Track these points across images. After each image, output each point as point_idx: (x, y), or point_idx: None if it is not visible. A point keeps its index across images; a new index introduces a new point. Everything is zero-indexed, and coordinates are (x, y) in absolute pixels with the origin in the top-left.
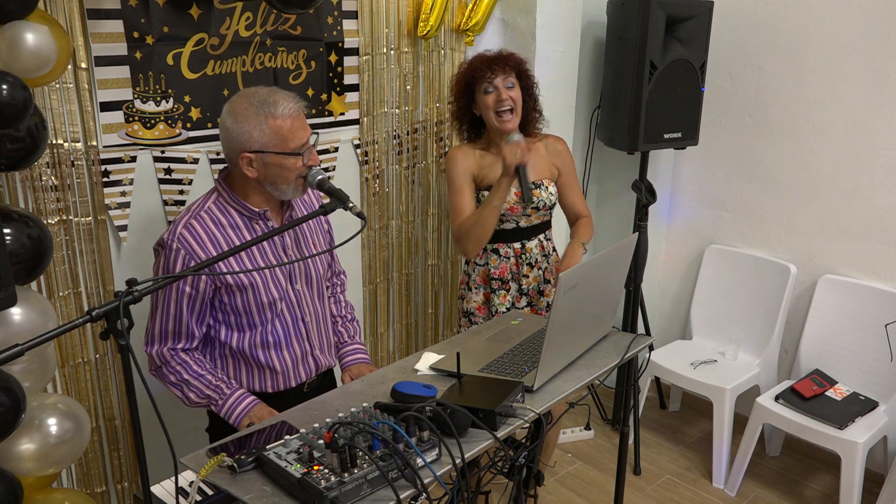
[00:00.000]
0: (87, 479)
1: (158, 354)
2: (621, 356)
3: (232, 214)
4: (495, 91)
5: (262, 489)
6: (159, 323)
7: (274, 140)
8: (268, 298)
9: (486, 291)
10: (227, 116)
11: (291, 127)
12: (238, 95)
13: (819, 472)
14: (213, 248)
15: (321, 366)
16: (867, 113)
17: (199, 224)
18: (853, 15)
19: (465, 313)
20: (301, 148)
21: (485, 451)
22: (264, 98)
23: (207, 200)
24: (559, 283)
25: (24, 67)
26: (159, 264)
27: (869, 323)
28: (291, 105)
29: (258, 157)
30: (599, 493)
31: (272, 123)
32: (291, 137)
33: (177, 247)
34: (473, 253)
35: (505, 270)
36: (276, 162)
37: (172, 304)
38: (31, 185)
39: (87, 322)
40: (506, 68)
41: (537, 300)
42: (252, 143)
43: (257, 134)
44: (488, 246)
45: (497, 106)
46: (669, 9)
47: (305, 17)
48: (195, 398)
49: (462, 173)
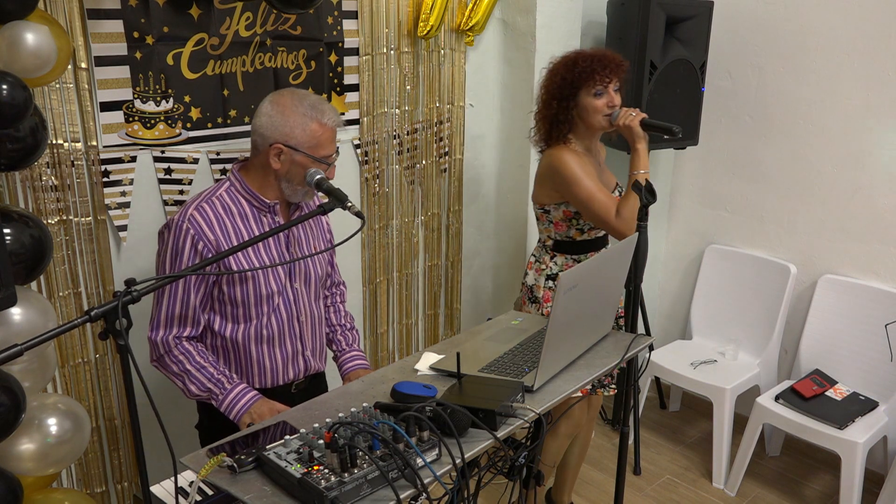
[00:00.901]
0: (87, 479)
1: (163, 341)
2: (621, 356)
3: (242, 204)
4: (607, 95)
5: (262, 489)
6: (166, 307)
7: (310, 142)
8: (266, 291)
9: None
10: (272, 107)
11: (329, 137)
12: (288, 91)
13: (819, 472)
14: (220, 233)
15: (310, 368)
16: (867, 113)
17: (210, 208)
18: (853, 15)
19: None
20: (327, 159)
21: (485, 451)
22: (315, 103)
23: (219, 188)
24: (559, 283)
25: (24, 67)
26: (167, 244)
27: (869, 323)
28: (337, 119)
29: (289, 152)
30: (599, 493)
31: (315, 127)
32: (324, 146)
33: (186, 227)
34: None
35: None
36: (303, 162)
37: (180, 287)
38: (31, 185)
39: (86, 322)
40: (619, 72)
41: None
42: (290, 137)
43: (299, 131)
44: (582, 257)
45: (608, 110)
46: (669, 9)
47: (305, 17)
48: (196, 390)
49: (588, 170)
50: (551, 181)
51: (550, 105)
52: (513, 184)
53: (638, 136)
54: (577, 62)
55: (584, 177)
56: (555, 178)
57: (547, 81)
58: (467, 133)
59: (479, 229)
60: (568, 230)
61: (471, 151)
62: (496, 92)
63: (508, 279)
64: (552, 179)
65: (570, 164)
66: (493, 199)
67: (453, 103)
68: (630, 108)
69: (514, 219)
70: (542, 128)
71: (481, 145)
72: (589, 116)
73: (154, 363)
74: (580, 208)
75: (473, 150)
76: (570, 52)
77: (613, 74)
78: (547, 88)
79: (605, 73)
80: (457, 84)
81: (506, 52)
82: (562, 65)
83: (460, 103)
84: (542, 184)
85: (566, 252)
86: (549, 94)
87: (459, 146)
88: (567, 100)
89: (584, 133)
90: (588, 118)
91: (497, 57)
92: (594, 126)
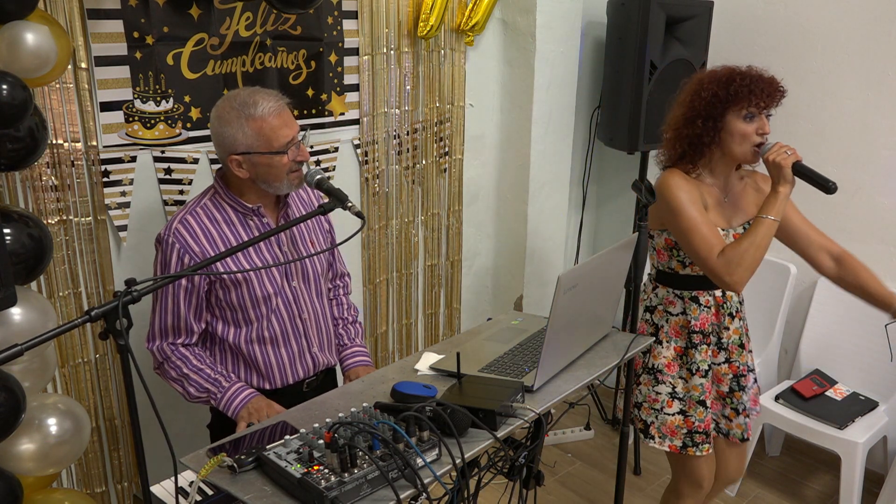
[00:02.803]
0: (87, 479)
1: (159, 350)
2: (621, 356)
3: (227, 210)
4: (759, 120)
5: (262, 489)
6: (159, 318)
7: (258, 141)
8: (262, 293)
9: (680, 345)
10: (214, 120)
11: (273, 126)
12: (222, 99)
13: (819, 472)
14: (206, 243)
15: (320, 363)
16: (867, 113)
17: (194, 219)
18: (853, 15)
19: (648, 370)
20: (287, 145)
21: (485, 451)
22: (244, 99)
23: (204, 197)
24: (559, 282)
25: (24, 67)
26: (157, 258)
27: (869, 323)
28: (271, 104)
29: (246, 159)
30: (599, 493)
31: (253, 125)
32: (275, 136)
33: (172, 241)
34: (744, 285)
35: (706, 322)
36: (263, 161)
37: (170, 299)
38: (31, 185)
39: (86, 322)
40: (778, 99)
41: (738, 355)
42: (237, 145)
43: (241, 136)
44: (686, 294)
45: (757, 139)
46: (669, 9)
47: (305, 17)
48: (195, 392)
49: (695, 199)
50: (657, 206)
51: (693, 124)
52: (513, 183)
53: (785, 179)
54: (734, 79)
55: (688, 205)
56: (660, 203)
57: (691, 97)
58: (467, 133)
59: (479, 229)
60: (669, 261)
61: (471, 151)
62: (496, 92)
63: (508, 279)
64: (658, 204)
65: (677, 190)
66: (493, 199)
67: (453, 103)
68: (786, 145)
69: (514, 219)
70: (678, 148)
71: (481, 145)
72: (732, 142)
73: (156, 370)
74: (679, 239)
75: (473, 150)
76: (720, 68)
77: (771, 100)
78: (691, 105)
79: (763, 97)
80: (457, 84)
81: (506, 52)
82: (713, 80)
83: (460, 103)
84: (653, 208)
85: (668, 284)
86: (694, 111)
87: (459, 146)
88: (714, 120)
89: (718, 160)
90: (730, 144)
91: (497, 57)
92: (735, 155)
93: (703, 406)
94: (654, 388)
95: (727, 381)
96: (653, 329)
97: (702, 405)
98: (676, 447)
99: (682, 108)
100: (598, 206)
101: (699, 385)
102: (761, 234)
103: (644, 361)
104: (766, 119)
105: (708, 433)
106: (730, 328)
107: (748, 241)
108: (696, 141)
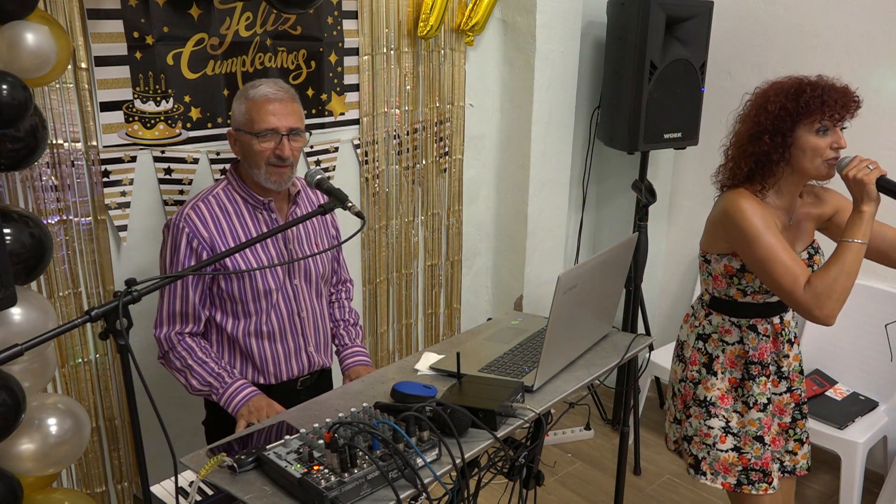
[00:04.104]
0: (87, 479)
1: (166, 338)
2: (621, 356)
3: (238, 202)
4: (833, 134)
5: (262, 489)
6: (167, 304)
7: (244, 119)
8: (264, 287)
9: (736, 377)
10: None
11: (260, 108)
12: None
13: (819, 472)
14: (215, 231)
15: (315, 363)
16: (867, 113)
17: (206, 206)
18: (853, 15)
19: (700, 402)
20: (265, 131)
21: (485, 451)
22: (255, 82)
23: (217, 187)
24: (559, 283)
25: (24, 67)
26: (166, 242)
27: (869, 323)
28: (269, 90)
29: (237, 135)
30: (599, 493)
31: (246, 103)
32: (258, 119)
33: (182, 225)
34: (836, 318)
35: (765, 351)
36: (246, 141)
37: (179, 284)
38: (31, 185)
39: (86, 322)
40: (853, 110)
41: (799, 382)
42: (234, 120)
43: (237, 112)
44: (743, 322)
45: (832, 154)
46: (669, 9)
47: (305, 17)
48: (197, 385)
49: (770, 224)
50: (724, 230)
51: (760, 140)
52: (513, 184)
53: (869, 197)
54: (804, 90)
55: (765, 232)
56: (728, 228)
57: (756, 111)
58: (467, 133)
59: (479, 229)
60: (728, 288)
61: (471, 151)
62: (496, 92)
63: (508, 279)
64: (725, 228)
65: (751, 216)
66: (493, 199)
67: (453, 103)
68: (867, 159)
69: (514, 219)
70: (743, 167)
71: (481, 145)
72: (804, 158)
73: (160, 360)
74: (756, 271)
75: (473, 150)
76: (786, 79)
77: (846, 111)
78: (756, 120)
79: (837, 108)
80: (457, 84)
81: (506, 52)
82: (779, 92)
83: (460, 103)
84: (713, 230)
85: (724, 312)
86: (760, 126)
87: (459, 146)
88: (783, 135)
89: (788, 179)
90: (802, 160)
91: (497, 57)
92: (807, 172)
93: (760, 442)
94: (706, 421)
95: (789, 410)
96: (706, 358)
97: (759, 441)
98: (730, 485)
99: (747, 123)
100: (598, 206)
101: (756, 420)
102: (850, 259)
103: (694, 393)
104: (841, 132)
105: (766, 472)
106: (789, 355)
107: (836, 269)
108: (763, 158)
